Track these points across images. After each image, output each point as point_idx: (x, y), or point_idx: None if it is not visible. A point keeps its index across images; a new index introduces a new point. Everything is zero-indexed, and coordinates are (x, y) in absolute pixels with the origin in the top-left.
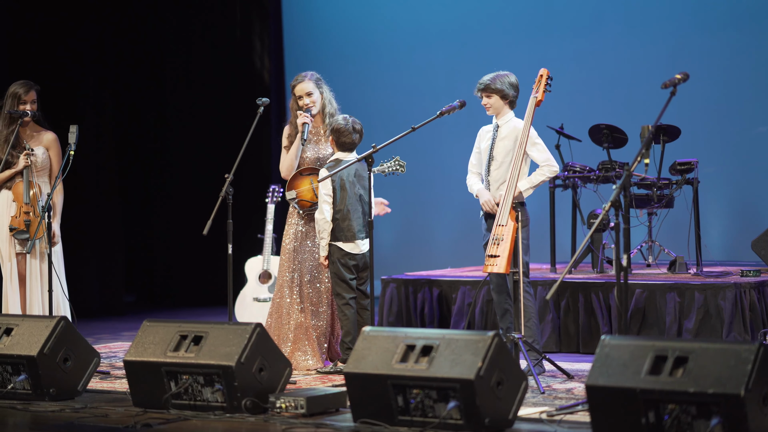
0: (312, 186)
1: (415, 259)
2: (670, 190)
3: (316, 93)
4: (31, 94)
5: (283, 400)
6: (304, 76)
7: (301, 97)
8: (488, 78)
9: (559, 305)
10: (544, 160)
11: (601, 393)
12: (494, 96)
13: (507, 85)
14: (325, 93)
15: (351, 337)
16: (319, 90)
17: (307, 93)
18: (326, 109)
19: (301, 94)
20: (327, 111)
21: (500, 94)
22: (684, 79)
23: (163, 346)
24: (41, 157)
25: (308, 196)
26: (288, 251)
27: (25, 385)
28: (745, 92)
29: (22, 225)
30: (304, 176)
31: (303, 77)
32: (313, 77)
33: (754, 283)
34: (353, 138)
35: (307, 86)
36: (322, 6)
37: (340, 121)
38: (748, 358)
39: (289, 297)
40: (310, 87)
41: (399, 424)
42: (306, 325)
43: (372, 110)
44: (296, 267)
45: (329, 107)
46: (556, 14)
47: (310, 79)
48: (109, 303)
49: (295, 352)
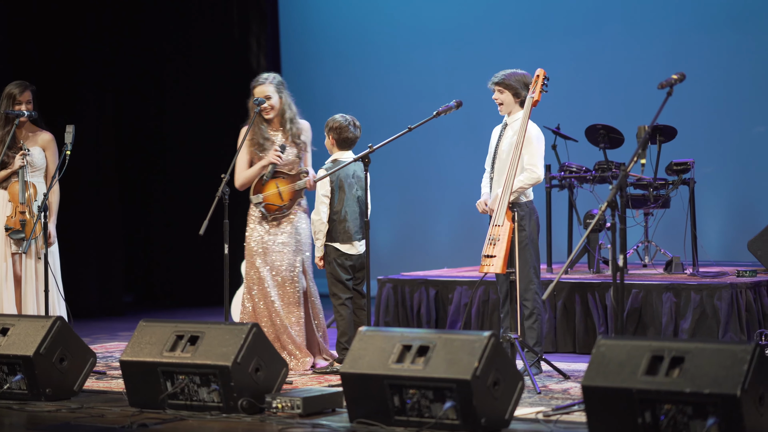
0: (278, 190)
1: (411, 259)
2: (667, 191)
3: (275, 97)
4: (25, 95)
5: (279, 401)
6: (266, 78)
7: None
8: (504, 73)
9: (555, 305)
10: (528, 164)
11: (597, 393)
12: (507, 92)
13: (522, 84)
14: (285, 97)
15: (347, 337)
16: (279, 94)
17: (266, 96)
18: (285, 114)
19: (260, 96)
20: (287, 116)
21: (513, 91)
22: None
23: (160, 346)
24: (38, 158)
25: (275, 200)
26: (257, 253)
27: (21, 385)
28: (743, 92)
29: (17, 225)
30: (269, 180)
31: (264, 80)
32: (275, 80)
33: (750, 283)
34: (354, 133)
35: (266, 89)
36: (319, 6)
37: (338, 118)
38: (744, 358)
39: (263, 300)
40: (270, 90)
41: (395, 424)
42: (281, 325)
43: (369, 111)
44: (268, 268)
45: (288, 112)
46: (554, 14)
47: (271, 82)
48: (108, 303)
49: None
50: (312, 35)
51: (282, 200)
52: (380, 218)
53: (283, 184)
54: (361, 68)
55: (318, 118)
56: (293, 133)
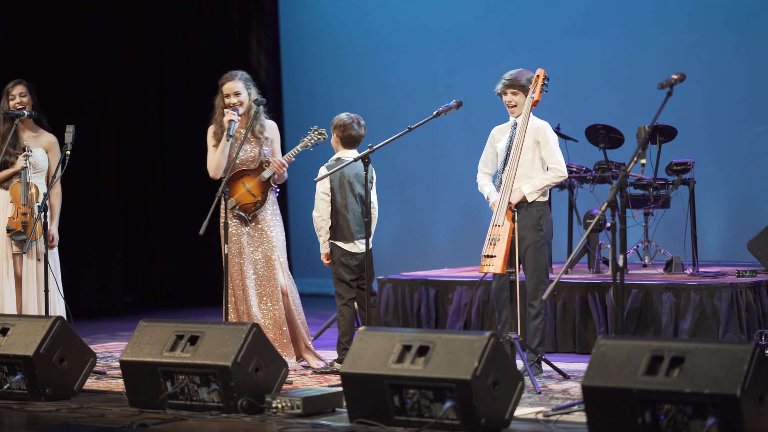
0: (247, 188)
1: (411, 259)
2: (667, 191)
3: (244, 93)
4: (17, 88)
5: (279, 400)
6: (234, 75)
7: (228, 95)
8: (514, 74)
9: (555, 305)
10: (553, 162)
11: (597, 393)
12: (521, 93)
13: (529, 82)
14: (253, 94)
15: (348, 337)
16: (248, 90)
17: (235, 92)
18: (252, 110)
19: (229, 92)
20: (253, 112)
21: (525, 91)
22: (681, 80)
23: (160, 346)
24: (40, 159)
25: (247, 198)
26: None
27: (21, 385)
28: (743, 92)
29: (19, 226)
30: (235, 181)
31: (233, 76)
32: (243, 77)
33: (750, 283)
34: (359, 132)
35: (235, 85)
36: (319, 6)
37: (343, 116)
38: (744, 358)
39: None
40: (239, 87)
41: (395, 424)
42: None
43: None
44: (247, 265)
45: (255, 108)
46: (554, 14)
47: (240, 78)
48: (108, 303)
49: None
50: (312, 35)
51: (254, 196)
52: (380, 218)
53: (249, 181)
54: (361, 68)
55: (318, 118)
56: (256, 129)
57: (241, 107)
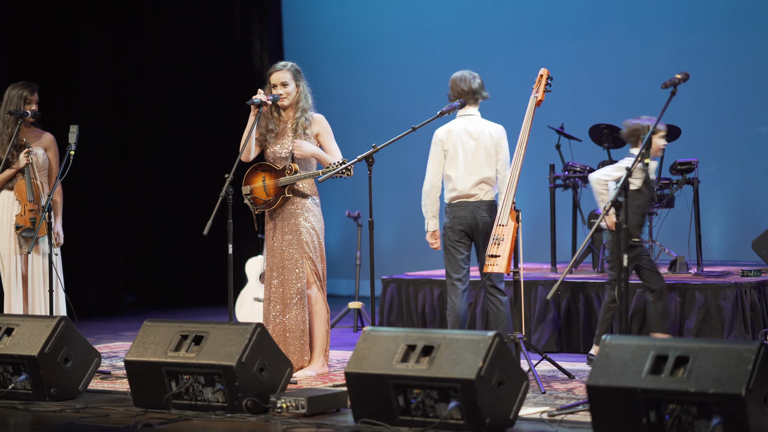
0: (264, 184)
1: (415, 259)
2: (671, 190)
3: (291, 84)
4: (36, 95)
5: (283, 400)
6: (283, 65)
7: (275, 86)
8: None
9: (559, 305)
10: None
11: (601, 393)
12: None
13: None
14: (302, 87)
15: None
16: (296, 82)
17: (282, 83)
18: (300, 103)
19: (276, 83)
20: (301, 105)
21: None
22: (684, 79)
23: (164, 346)
24: (41, 158)
25: (260, 194)
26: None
27: (26, 385)
28: (746, 92)
29: (28, 223)
30: (258, 172)
31: (282, 66)
32: (292, 68)
33: (754, 282)
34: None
35: (283, 76)
36: (322, 6)
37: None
38: (749, 357)
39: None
40: (287, 77)
41: (400, 424)
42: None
43: (372, 110)
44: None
45: (304, 102)
46: (557, 14)
47: (288, 69)
48: (110, 303)
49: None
50: (314, 35)
51: (267, 195)
52: (383, 218)
53: (269, 179)
54: (363, 67)
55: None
56: (300, 123)
57: (287, 98)
